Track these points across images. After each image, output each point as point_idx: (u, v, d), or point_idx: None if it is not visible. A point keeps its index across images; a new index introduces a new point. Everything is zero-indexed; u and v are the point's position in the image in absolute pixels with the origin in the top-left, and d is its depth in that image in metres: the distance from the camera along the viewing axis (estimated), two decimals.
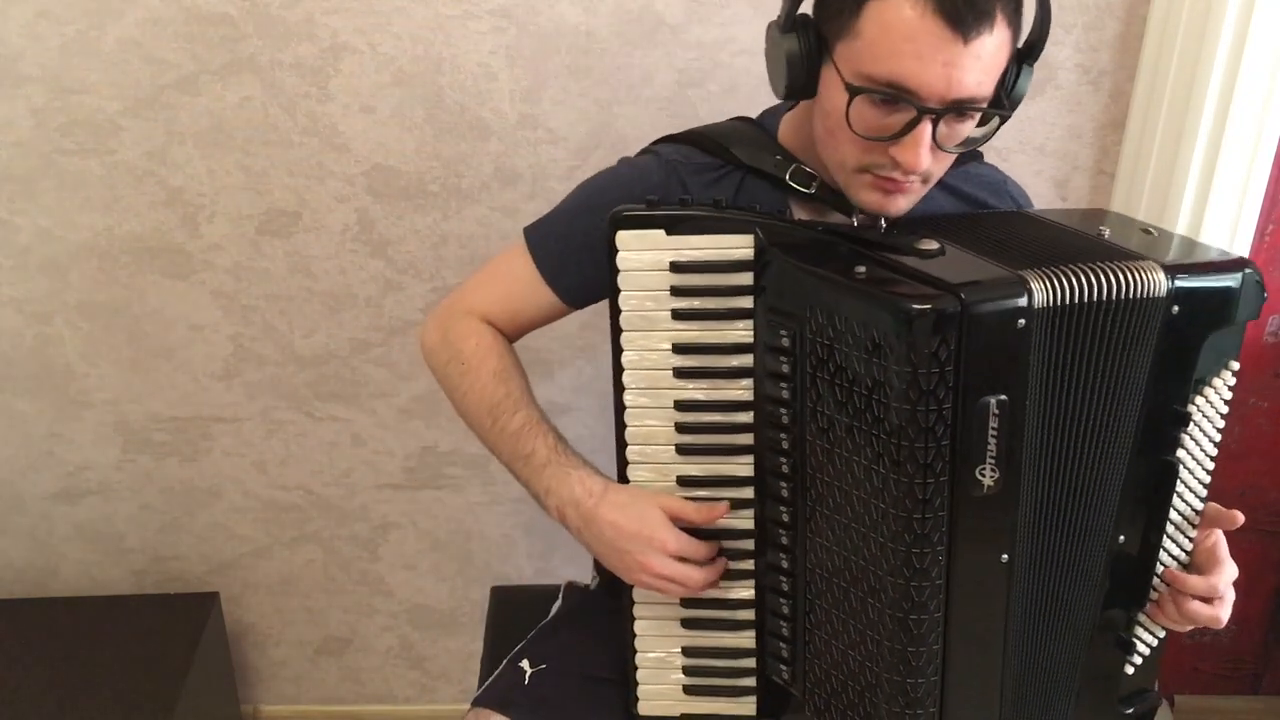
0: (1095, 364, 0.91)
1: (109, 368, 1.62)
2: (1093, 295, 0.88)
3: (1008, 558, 0.92)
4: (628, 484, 1.02)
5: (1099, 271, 0.89)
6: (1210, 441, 0.99)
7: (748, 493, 1.00)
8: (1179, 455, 0.97)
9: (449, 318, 1.14)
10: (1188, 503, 1.00)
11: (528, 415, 1.06)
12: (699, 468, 1.00)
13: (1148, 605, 1.02)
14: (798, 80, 0.96)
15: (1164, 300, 0.90)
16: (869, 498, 0.90)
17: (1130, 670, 1.05)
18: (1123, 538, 0.98)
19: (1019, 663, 0.98)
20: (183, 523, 1.75)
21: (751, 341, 0.96)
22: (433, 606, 1.84)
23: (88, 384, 1.64)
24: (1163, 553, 1.00)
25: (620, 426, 1.00)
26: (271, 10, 1.40)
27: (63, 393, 1.64)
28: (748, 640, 1.05)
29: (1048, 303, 0.87)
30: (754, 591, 1.03)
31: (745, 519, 1.01)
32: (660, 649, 1.06)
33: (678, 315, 0.96)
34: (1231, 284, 0.93)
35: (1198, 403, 0.96)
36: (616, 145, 1.47)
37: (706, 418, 0.99)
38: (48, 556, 1.77)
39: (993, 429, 0.86)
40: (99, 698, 1.53)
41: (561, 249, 1.10)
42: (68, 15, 1.40)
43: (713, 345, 0.97)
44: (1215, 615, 0.99)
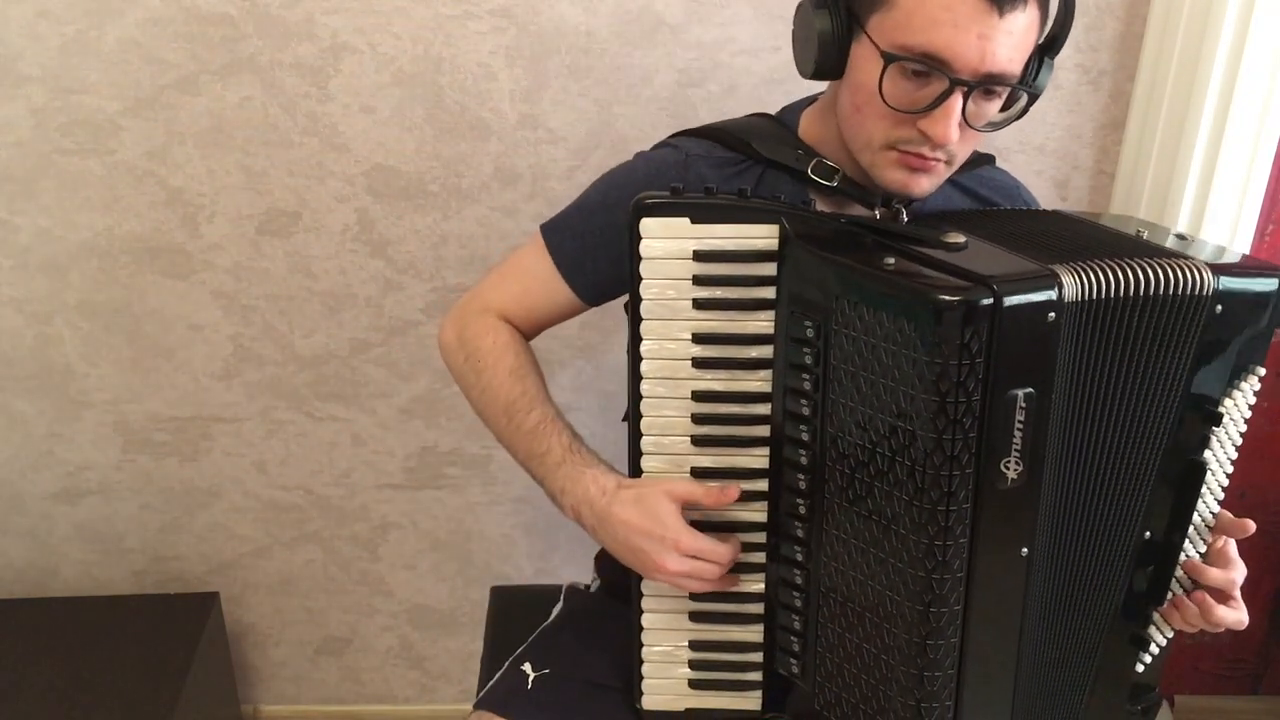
0: (1131, 359, 0.91)
1: (109, 368, 1.62)
2: (1128, 291, 0.88)
3: (1027, 551, 0.92)
4: (640, 475, 1.01)
5: (1136, 267, 0.89)
6: (1232, 445, 0.99)
7: (761, 485, 1.00)
8: (1205, 456, 0.97)
9: (466, 316, 1.13)
10: (1206, 504, 0.99)
11: (543, 413, 1.06)
12: (714, 459, 1.00)
13: (1164, 604, 1.01)
14: (828, 59, 0.96)
15: (1209, 299, 0.90)
16: (891, 489, 0.89)
17: (1140, 668, 1.05)
18: (1149, 534, 0.98)
19: (1034, 655, 0.98)
20: (183, 523, 1.75)
21: (772, 332, 0.95)
22: (433, 606, 1.84)
23: (88, 384, 1.64)
24: (1181, 554, 0.99)
25: (635, 416, 0.99)
26: (271, 10, 1.40)
27: (63, 393, 1.64)
28: (756, 634, 1.04)
29: (1079, 296, 0.86)
30: (764, 585, 1.02)
31: (758, 511, 1.00)
32: (667, 643, 1.06)
33: (699, 304, 0.95)
34: (1269, 288, 0.94)
35: (1225, 405, 0.96)
36: (616, 145, 1.47)
37: (723, 409, 0.98)
38: (48, 556, 1.77)
39: (1019, 422, 0.86)
40: (99, 698, 1.52)
41: (579, 246, 1.10)
42: (68, 15, 1.40)
43: (733, 335, 0.96)
44: (1239, 618, 0.98)
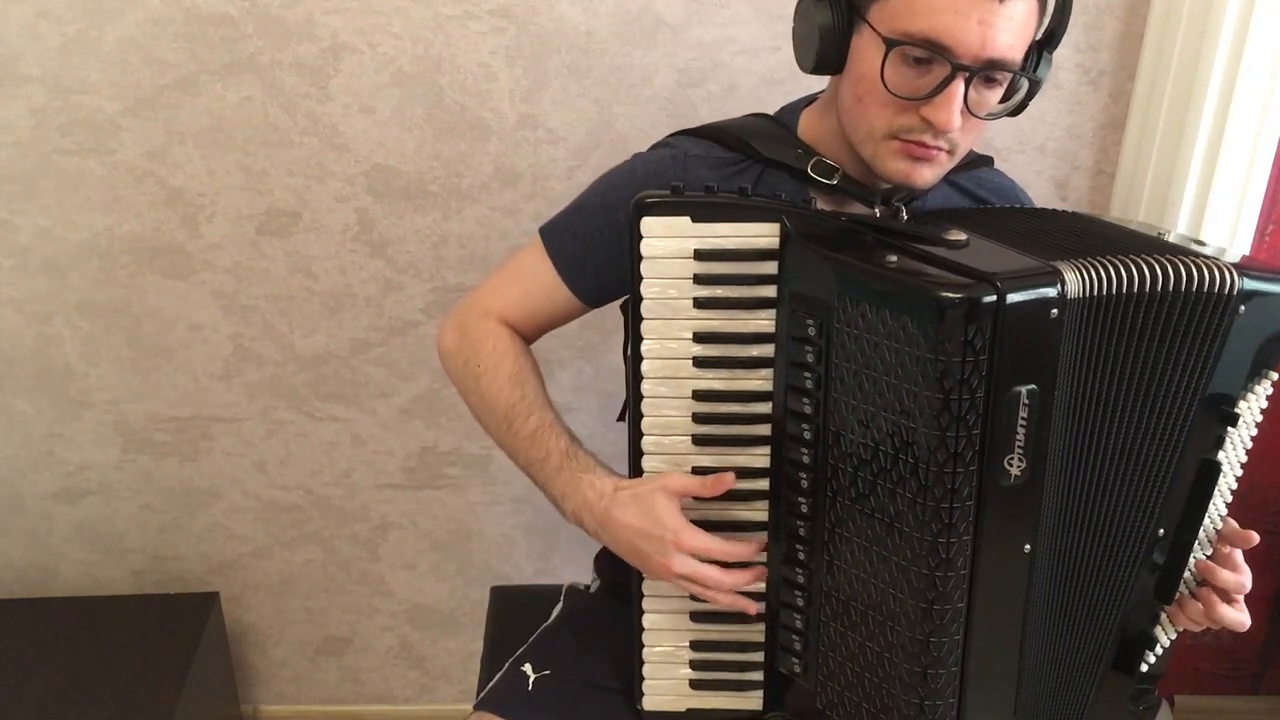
0: (1145, 356, 0.90)
1: (109, 368, 1.62)
2: (1138, 286, 0.88)
3: (1030, 548, 0.92)
4: (641, 475, 1.00)
5: (1146, 263, 0.88)
6: (1243, 448, 0.98)
7: (763, 484, 0.99)
8: (1219, 456, 0.96)
9: (465, 320, 1.13)
10: (1216, 506, 0.99)
11: (541, 418, 1.05)
12: (715, 458, 0.99)
13: (1173, 603, 1.01)
14: (829, 52, 0.96)
15: (1234, 298, 0.90)
16: (894, 487, 0.89)
17: (1145, 667, 1.04)
18: (1161, 531, 0.97)
19: (1038, 652, 0.98)
20: (183, 523, 1.75)
21: (773, 331, 0.95)
22: (433, 606, 1.84)
23: (88, 384, 1.64)
24: (1192, 554, 0.99)
25: (636, 416, 0.99)
26: (271, 10, 1.40)
27: (63, 393, 1.64)
28: (757, 634, 1.04)
29: (1082, 293, 0.86)
30: (766, 584, 1.02)
31: (760, 511, 1.00)
32: (668, 643, 1.06)
33: (700, 303, 0.95)
34: None
35: (1240, 406, 0.95)
36: (616, 145, 1.47)
37: (724, 408, 0.98)
38: (48, 556, 1.77)
39: (1022, 419, 0.86)
40: (99, 698, 1.52)
41: (579, 248, 1.09)
42: (68, 15, 1.40)
43: (735, 334, 0.96)
44: (1242, 619, 0.98)
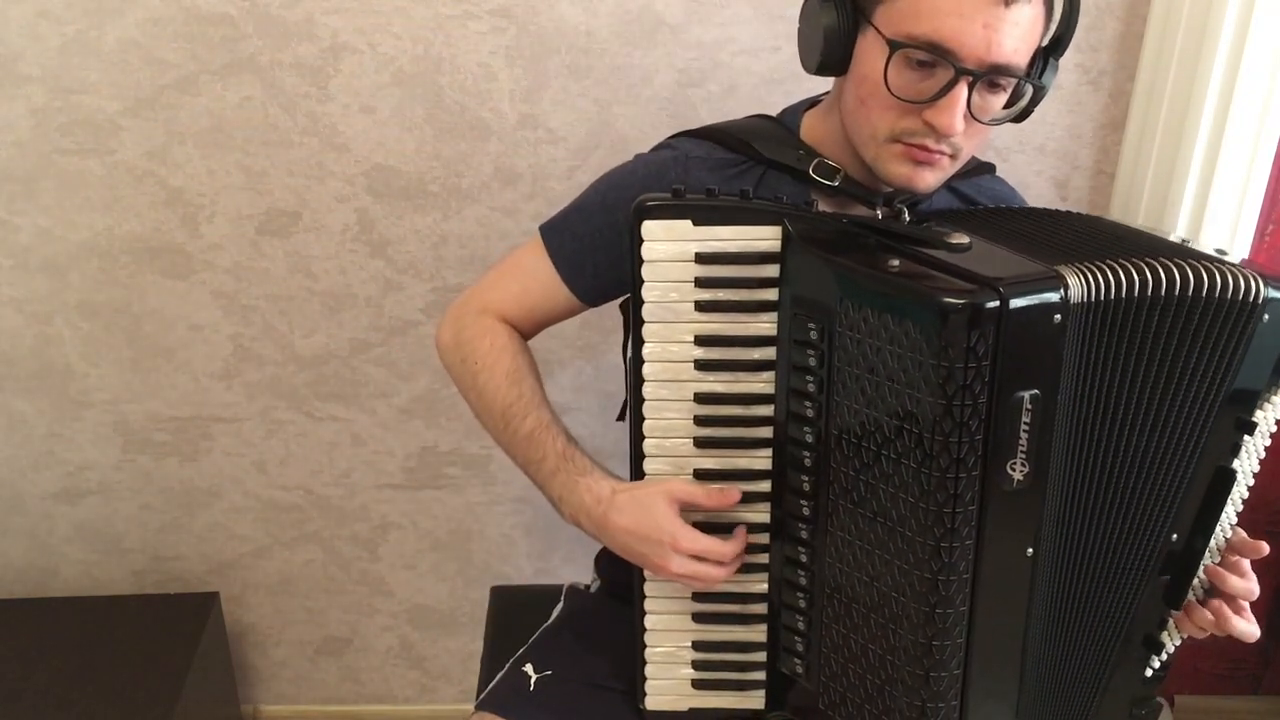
0: (1158, 360, 0.90)
1: (109, 368, 1.62)
2: (1146, 290, 0.88)
3: (1032, 551, 0.92)
4: (642, 477, 1.00)
5: (1154, 267, 0.88)
6: (1256, 458, 0.98)
7: (765, 486, 1.00)
8: (1234, 465, 0.96)
9: (463, 316, 1.13)
10: (1226, 515, 0.98)
11: (538, 418, 1.05)
12: (717, 461, 0.99)
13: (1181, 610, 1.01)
14: (833, 53, 0.96)
15: (1259, 306, 0.90)
16: (896, 491, 0.89)
17: (1149, 672, 1.04)
18: (1175, 536, 0.97)
19: (1041, 655, 0.98)
20: (183, 523, 1.75)
21: (775, 334, 0.95)
22: (433, 606, 1.84)
23: (88, 384, 1.64)
24: (1203, 561, 0.99)
25: (638, 420, 0.99)
26: (271, 10, 1.40)
27: (63, 393, 1.64)
28: (759, 634, 1.04)
29: (1085, 297, 0.86)
30: (768, 585, 1.02)
31: (761, 512, 1.00)
32: (670, 643, 1.06)
33: (701, 307, 0.95)
34: None
35: (1257, 415, 0.95)
36: (616, 145, 1.47)
37: (726, 410, 0.98)
38: (48, 556, 1.77)
39: (1025, 424, 0.86)
40: (99, 698, 1.52)
41: (578, 247, 1.09)
42: (68, 15, 1.40)
43: (736, 337, 0.96)
44: (1251, 629, 0.97)
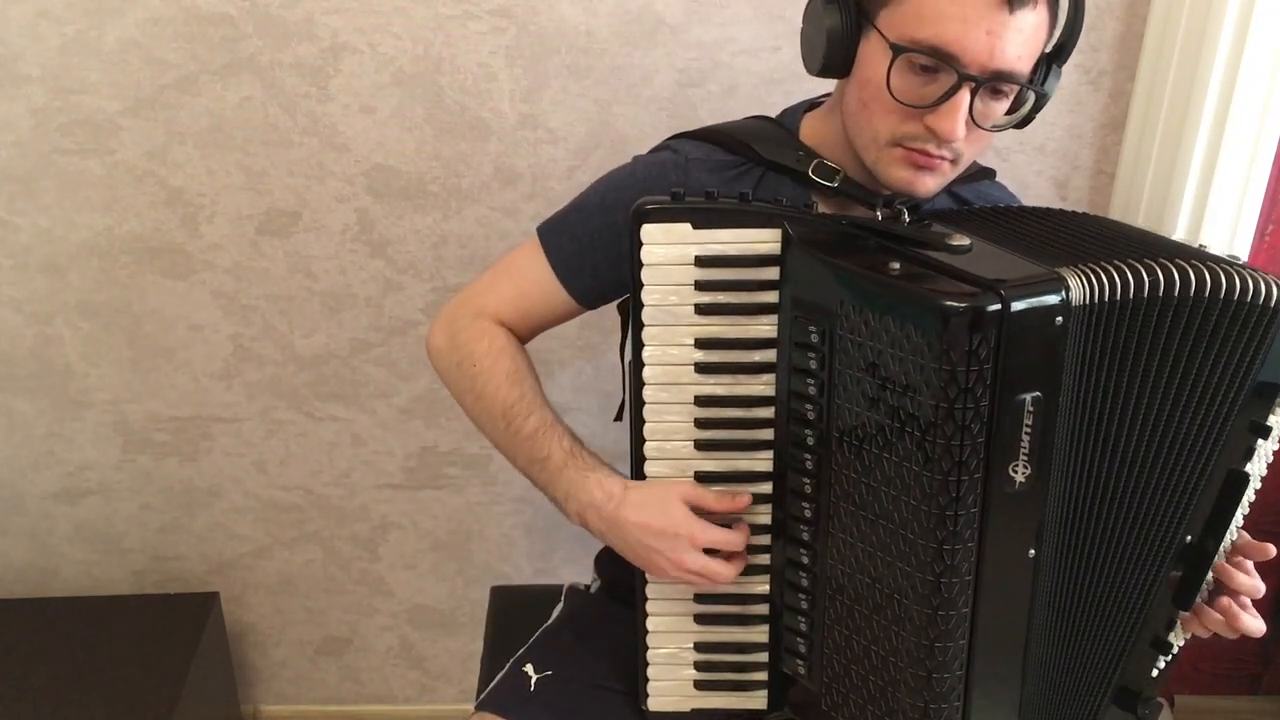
0: (1168, 361, 0.90)
1: (109, 368, 1.62)
2: (1151, 291, 0.88)
3: (1034, 553, 0.92)
4: (644, 479, 1.00)
5: (1156, 268, 0.88)
6: (1266, 462, 0.98)
7: (766, 488, 1.00)
8: (1247, 468, 0.96)
9: (458, 319, 1.12)
10: (1234, 518, 0.98)
11: (541, 418, 1.05)
12: (718, 463, 1.00)
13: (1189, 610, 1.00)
14: (836, 55, 0.96)
15: (1274, 309, 0.90)
16: (898, 494, 0.89)
17: (1154, 673, 1.04)
18: (1189, 537, 0.97)
19: (1044, 656, 0.98)
20: (183, 523, 1.75)
21: (776, 336, 0.95)
22: (433, 606, 1.84)
23: (88, 384, 1.64)
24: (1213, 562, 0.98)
25: (638, 423, 0.99)
26: (271, 10, 1.40)
27: (63, 393, 1.64)
28: (761, 635, 1.04)
29: (1086, 299, 0.86)
30: (769, 586, 1.03)
31: (763, 514, 1.01)
32: (672, 644, 1.06)
33: (701, 310, 0.95)
34: None
35: (1271, 420, 0.95)
36: (616, 145, 1.47)
37: (727, 413, 0.98)
38: (48, 556, 1.77)
39: (1026, 426, 0.86)
40: (99, 698, 1.52)
41: (576, 249, 1.09)
42: (68, 15, 1.40)
43: (736, 340, 0.96)
44: (1259, 625, 0.97)
